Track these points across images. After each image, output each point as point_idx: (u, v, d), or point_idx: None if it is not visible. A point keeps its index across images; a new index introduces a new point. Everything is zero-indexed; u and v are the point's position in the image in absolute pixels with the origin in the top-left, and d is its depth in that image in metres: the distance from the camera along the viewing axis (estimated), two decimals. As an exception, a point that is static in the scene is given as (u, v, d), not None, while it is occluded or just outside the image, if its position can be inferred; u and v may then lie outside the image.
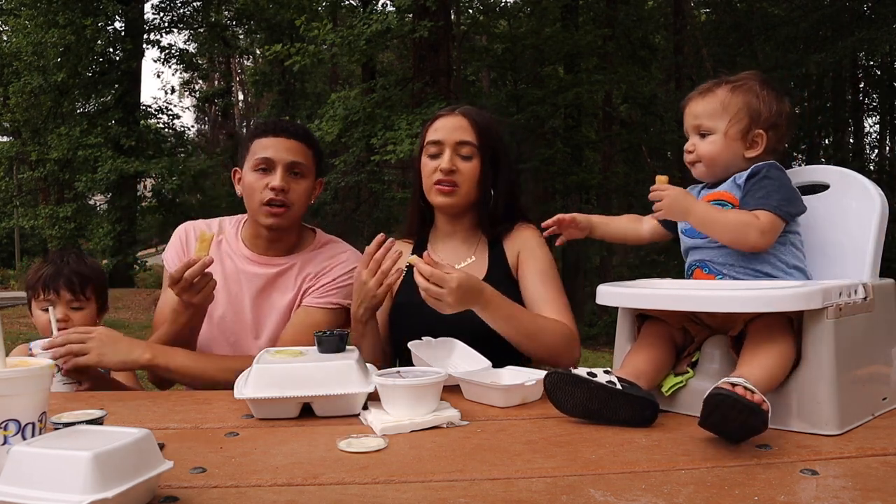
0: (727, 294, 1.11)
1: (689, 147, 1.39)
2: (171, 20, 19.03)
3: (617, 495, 0.83)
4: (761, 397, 0.97)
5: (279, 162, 1.70)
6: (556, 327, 1.57)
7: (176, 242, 1.84)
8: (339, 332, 1.38)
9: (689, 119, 1.39)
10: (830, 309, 1.08)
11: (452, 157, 1.66)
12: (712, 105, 1.35)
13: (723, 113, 1.33)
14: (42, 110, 16.19)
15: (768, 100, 1.34)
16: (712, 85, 1.38)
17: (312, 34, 9.91)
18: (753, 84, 1.35)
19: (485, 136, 1.69)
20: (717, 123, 1.34)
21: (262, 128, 1.76)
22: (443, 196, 1.68)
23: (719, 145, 1.34)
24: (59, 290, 1.77)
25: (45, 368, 0.91)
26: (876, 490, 0.84)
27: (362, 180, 12.73)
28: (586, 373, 1.13)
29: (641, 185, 16.59)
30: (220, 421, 1.22)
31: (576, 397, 1.14)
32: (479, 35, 15.76)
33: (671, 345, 1.27)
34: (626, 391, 1.12)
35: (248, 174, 1.73)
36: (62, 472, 0.74)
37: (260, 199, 1.70)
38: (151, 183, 17.38)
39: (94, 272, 1.85)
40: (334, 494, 0.85)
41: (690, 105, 1.39)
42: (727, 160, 1.35)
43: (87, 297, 1.81)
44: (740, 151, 1.34)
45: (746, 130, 1.33)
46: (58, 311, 1.76)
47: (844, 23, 12.58)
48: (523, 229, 1.75)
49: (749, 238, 1.26)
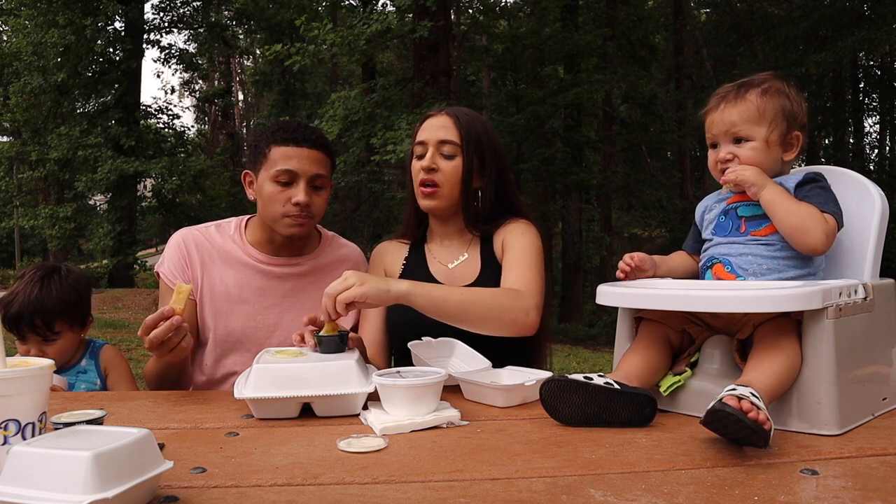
0: (727, 294, 1.11)
1: (726, 156, 1.33)
2: (171, 20, 19.01)
3: (617, 495, 0.83)
4: (766, 415, 0.96)
5: (303, 175, 1.63)
6: (500, 294, 1.51)
7: (175, 255, 1.76)
8: (339, 333, 1.37)
9: (720, 127, 1.33)
10: (830, 309, 1.08)
11: (434, 156, 1.65)
12: (748, 111, 1.30)
13: (760, 119, 1.29)
14: (42, 110, 16.19)
15: (798, 99, 1.32)
16: (738, 90, 1.33)
17: (312, 34, 9.91)
18: (780, 85, 1.32)
19: (468, 134, 1.66)
20: (756, 130, 1.30)
21: (281, 135, 1.66)
22: (426, 199, 1.67)
23: (761, 152, 1.30)
24: (25, 333, 1.73)
25: (45, 368, 0.91)
26: (876, 490, 0.84)
27: (362, 180, 12.74)
28: (583, 377, 1.13)
29: (641, 185, 16.63)
30: (220, 421, 1.22)
31: (573, 403, 1.13)
32: (479, 35, 15.76)
33: (667, 347, 1.27)
34: (624, 390, 1.12)
35: (268, 184, 1.65)
36: (62, 472, 0.74)
37: (282, 211, 1.65)
38: (151, 183, 17.36)
39: (63, 300, 1.74)
40: (334, 494, 0.85)
41: (719, 113, 1.34)
42: (770, 166, 1.31)
43: (58, 332, 1.75)
44: (780, 156, 1.32)
45: (785, 134, 1.31)
46: (31, 348, 1.74)
47: (844, 23, 12.58)
48: (511, 223, 1.72)
49: (813, 234, 1.21)
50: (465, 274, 1.70)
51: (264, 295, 1.75)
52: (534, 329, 1.51)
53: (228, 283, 1.74)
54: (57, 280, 1.77)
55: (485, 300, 1.47)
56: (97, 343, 1.90)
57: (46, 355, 1.73)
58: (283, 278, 1.77)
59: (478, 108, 2.83)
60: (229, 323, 1.73)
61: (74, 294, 1.78)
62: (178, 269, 1.74)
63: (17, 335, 1.75)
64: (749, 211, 1.31)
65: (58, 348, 1.76)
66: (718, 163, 1.36)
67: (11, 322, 1.72)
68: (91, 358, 1.86)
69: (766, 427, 0.95)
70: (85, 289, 1.84)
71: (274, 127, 1.70)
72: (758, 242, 1.28)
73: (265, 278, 1.76)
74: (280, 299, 1.76)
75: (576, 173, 13.53)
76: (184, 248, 1.76)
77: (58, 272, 1.79)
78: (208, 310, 1.74)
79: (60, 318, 1.75)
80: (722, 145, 1.35)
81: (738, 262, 1.29)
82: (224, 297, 1.73)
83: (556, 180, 13.52)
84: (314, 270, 1.80)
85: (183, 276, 1.73)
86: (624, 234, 18.78)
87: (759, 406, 0.96)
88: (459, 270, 1.71)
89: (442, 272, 1.72)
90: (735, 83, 1.36)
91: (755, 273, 1.27)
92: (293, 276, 1.78)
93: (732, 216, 1.33)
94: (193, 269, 1.74)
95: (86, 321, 1.84)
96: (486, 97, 16.24)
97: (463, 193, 1.68)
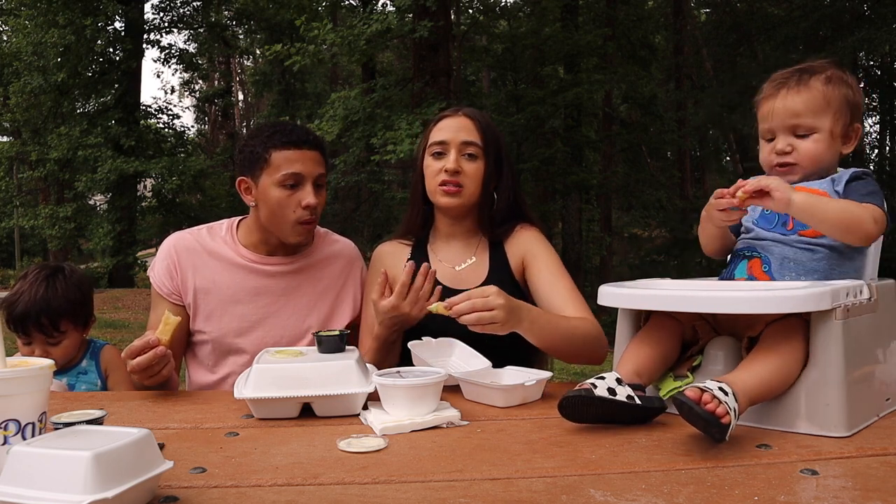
0: (732, 295, 1.09)
1: (784, 148, 1.25)
2: (171, 20, 19.03)
3: (617, 495, 0.83)
4: (726, 409, 0.94)
5: (308, 177, 1.65)
6: (588, 326, 1.56)
7: (163, 262, 1.75)
8: (339, 332, 1.38)
9: (781, 116, 1.24)
10: (839, 310, 1.07)
11: (458, 158, 1.66)
12: (814, 100, 1.22)
13: (826, 108, 1.22)
14: (42, 110, 16.20)
15: (858, 88, 1.25)
16: (801, 76, 1.24)
17: (312, 34, 9.91)
18: (842, 73, 1.24)
19: (489, 137, 1.69)
20: (821, 120, 1.22)
21: (280, 138, 1.65)
22: (448, 197, 1.67)
23: (825, 144, 1.22)
24: (31, 332, 1.73)
25: (45, 368, 0.91)
26: (876, 490, 0.84)
27: (362, 180, 12.74)
28: (607, 390, 1.08)
29: (641, 185, 16.64)
30: (220, 421, 1.22)
31: (590, 414, 1.11)
32: (479, 35, 15.76)
33: (679, 339, 1.24)
34: (645, 405, 1.10)
35: (275, 190, 1.64)
36: (62, 472, 0.73)
37: (294, 217, 1.65)
38: (151, 183, 17.37)
39: (69, 299, 1.75)
40: (334, 494, 0.85)
41: (780, 101, 1.24)
42: (830, 160, 1.24)
43: (63, 331, 1.76)
44: (840, 149, 1.25)
45: (848, 125, 1.24)
46: (35, 349, 1.74)
47: (844, 23, 12.57)
48: (524, 231, 1.75)
49: (864, 224, 1.14)
50: (472, 277, 1.70)
51: (259, 295, 1.75)
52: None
53: (221, 285, 1.74)
54: (62, 279, 1.78)
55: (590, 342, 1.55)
56: (98, 343, 1.90)
57: (51, 356, 1.72)
58: (276, 277, 1.77)
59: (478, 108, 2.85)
60: (225, 324, 1.73)
61: (79, 293, 1.79)
62: (166, 275, 1.75)
63: (21, 335, 1.75)
64: None
65: (63, 349, 1.77)
66: (776, 155, 1.27)
67: (17, 322, 1.73)
68: (92, 359, 1.86)
69: (723, 420, 0.94)
70: (88, 288, 1.85)
71: (268, 131, 1.68)
72: (804, 246, 1.22)
73: (259, 278, 1.76)
74: (275, 298, 1.76)
75: (576, 173, 13.52)
76: (173, 254, 1.76)
77: (62, 272, 1.80)
78: (203, 313, 1.74)
79: (66, 318, 1.75)
80: (780, 136, 1.26)
81: (778, 267, 1.24)
82: (217, 299, 1.73)
83: (556, 180, 13.51)
84: (308, 267, 1.80)
85: (171, 282, 1.74)
86: (624, 234, 18.78)
87: (722, 400, 0.95)
88: (466, 274, 1.72)
89: (448, 274, 1.72)
90: (793, 69, 1.28)
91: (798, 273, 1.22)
92: (287, 274, 1.78)
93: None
94: (183, 275, 1.74)
95: (88, 321, 1.85)
96: (486, 97, 16.23)
97: (482, 195, 1.70)
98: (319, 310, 1.79)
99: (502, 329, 1.36)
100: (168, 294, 1.74)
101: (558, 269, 1.68)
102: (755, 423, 1.11)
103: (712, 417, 0.94)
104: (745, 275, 1.30)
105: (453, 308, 1.34)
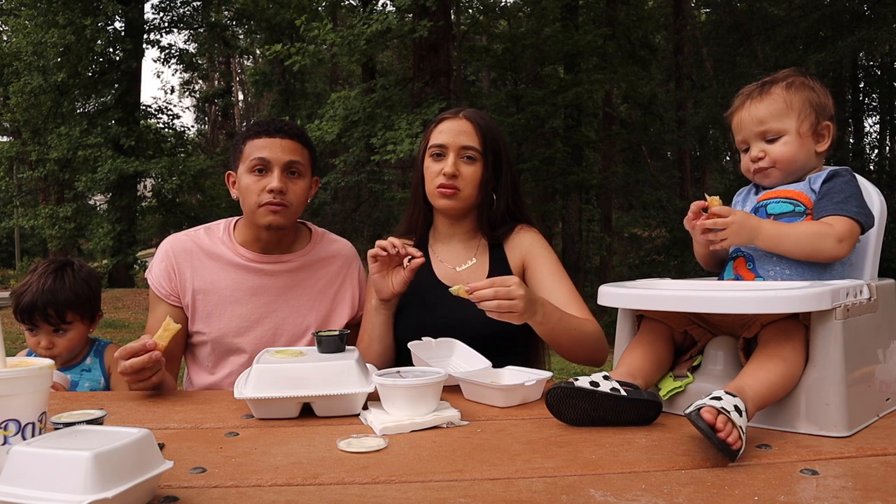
0: (732, 295, 1.09)
1: (757, 154, 1.32)
2: (171, 20, 19.04)
3: (617, 495, 0.83)
4: (738, 435, 0.94)
5: (276, 162, 1.67)
6: (592, 327, 1.57)
7: (161, 264, 1.76)
8: (339, 333, 1.38)
9: (748, 126, 1.33)
10: (839, 310, 1.07)
11: (456, 162, 1.66)
12: (776, 105, 1.30)
13: (789, 111, 1.29)
14: (42, 110, 16.20)
15: (823, 90, 1.31)
16: (762, 87, 1.33)
17: (312, 34, 9.92)
18: (803, 78, 1.32)
19: (488, 140, 1.69)
20: (786, 123, 1.29)
21: (254, 129, 1.72)
22: (445, 199, 1.68)
23: (794, 145, 1.29)
24: (37, 322, 1.75)
25: (46, 368, 0.91)
26: (876, 490, 0.84)
27: (362, 180, 12.75)
28: (589, 383, 1.11)
29: (641, 185, 16.64)
30: (220, 421, 1.22)
31: (579, 408, 1.12)
32: (479, 35, 15.77)
33: (670, 343, 1.26)
34: (631, 396, 1.11)
35: (244, 176, 1.69)
36: (62, 472, 0.73)
37: (258, 200, 1.68)
38: (151, 183, 17.37)
39: (76, 292, 1.78)
40: (334, 494, 0.85)
41: (746, 111, 1.33)
42: (804, 159, 1.30)
43: (69, 322, 1.77)
44: (812, 148, 1.31)
45: (816, 124, 1.30)
46: (41, 339, 1.76)
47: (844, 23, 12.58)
48: (524, 232, 1.75)
49: (825, 248, 1.20)
50: (472, 278, 1.70)
51: (257, 294, 1.76)
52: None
53: (220, 286, 1.74)
54: (70, 273, 1.80)
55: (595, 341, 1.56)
56: (102, 342, 1.91)
57: (56, 346, 1.76)
58: (274, 276, 1.77)
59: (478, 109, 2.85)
60: (224, 324, 1.73)
61: (87, 288, 1.82)
62: (164, 277, 1.75)
63: (28, 326, 1.77)
64: (779, 208, 1.29)
65: (68, 340, 1.79)
66: (752, 162, 1.34)
67: (24, 312, 1.74)
68: (96, 356, 1.87)
69: (734, 447, 0.93)
70: (96, 284, 1.88)
71: (249, 125, 1.76)
72: None
73: (257, 277, 1.76)
74: (274, 297, 1.76)
75: (576, 173, 13.53)
76: (171, 256, 1.76)
77: (71, 266, 1.83)
78: (201, 313, 1.74)
79: (72, 310, 1.77)
80: (753, 145, 1.33)
81: (761, 262, 1.28)
82: (216, 299, 1.74)
83: (556, 180, 13.53)
84: (305, 266, 1.81)
85: (169, 284, 1.74)
86: (624, 234, 18.78)
87: (736, 424, 0.95)
88: (467, 274, 1.72)
89: (448, 275, 1.72)
90: (757, 82, 1.35)
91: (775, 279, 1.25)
92: (285, 273, 1.78)
93: (762, 214, 1.31)
94: (181, 276, 1.74)
95: (96, 316, 1.87)
96: (486, 97, 16.24)
97: (480, 196, 1.71)
98: (318, 309, 1.79)
99: (518, 319, 1.36)
100: (166, 296, 1.74)
101: (558, 271, 1.69)
102: (755, 423, 1.11)
103: (724, 445, 0.93)
104: (732, 275, 1.32)
105: (475, 293, 1.34)
